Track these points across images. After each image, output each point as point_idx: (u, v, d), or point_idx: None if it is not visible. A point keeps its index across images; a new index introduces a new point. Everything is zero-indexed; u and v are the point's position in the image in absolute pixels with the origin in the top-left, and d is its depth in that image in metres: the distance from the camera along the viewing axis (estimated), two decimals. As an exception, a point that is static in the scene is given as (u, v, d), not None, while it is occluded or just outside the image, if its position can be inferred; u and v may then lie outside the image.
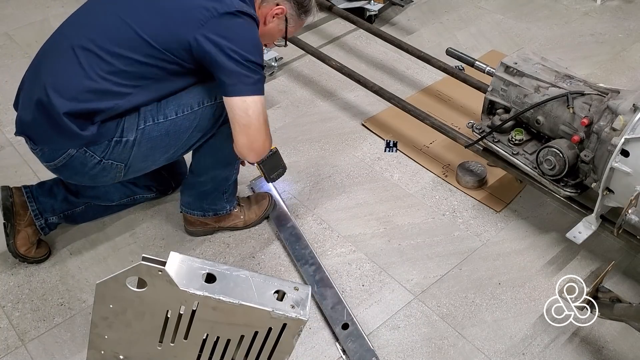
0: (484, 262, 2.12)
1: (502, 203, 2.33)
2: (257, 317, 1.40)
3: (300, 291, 1.43)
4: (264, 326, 1.42)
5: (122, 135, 1.72)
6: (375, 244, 2.18)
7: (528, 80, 2.09)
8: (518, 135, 2.14)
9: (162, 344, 1.48)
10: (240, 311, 1.38)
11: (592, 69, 3.05)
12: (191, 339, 1.46)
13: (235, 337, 1.46)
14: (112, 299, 1.38)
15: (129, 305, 1.39)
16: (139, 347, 1.50)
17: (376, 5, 3.31)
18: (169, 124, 1.77)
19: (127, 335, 1.47)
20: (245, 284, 1.40)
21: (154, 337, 1.47)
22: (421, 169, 2.49)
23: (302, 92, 2.91)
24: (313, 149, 2.58)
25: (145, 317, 1.42)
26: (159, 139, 1.77)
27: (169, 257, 1.35)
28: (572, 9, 3.56)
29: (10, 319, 1.92)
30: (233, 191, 2.13)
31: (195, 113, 1.79)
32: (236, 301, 1.36)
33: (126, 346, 1.50)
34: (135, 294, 1.36)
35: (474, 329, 1.91)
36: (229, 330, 1.45)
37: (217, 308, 1.38)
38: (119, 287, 1.34)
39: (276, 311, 1.37)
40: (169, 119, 1.76)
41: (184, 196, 2.11)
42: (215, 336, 1.46)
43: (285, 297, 1.41)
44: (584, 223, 1.98)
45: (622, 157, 1.79)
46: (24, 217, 2.00)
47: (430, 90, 2.92)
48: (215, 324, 1.43)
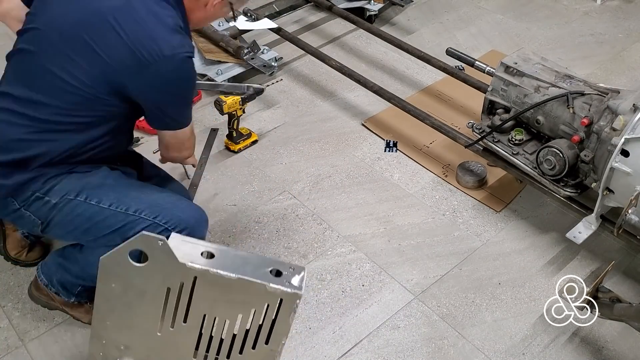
0: (484, 262, 2.12)
1: (502, 203, 2.33)
2: (254, 292, 1.43)
3: (296, 270, 1.47)
4: (261, 302, 1.45)
5: (45, 194, 1.58)
6: (375, 244, 2.18)
7: (528, 80, 2.09)
8: (518, 135, 2.14)
9: (161, 330, 1.51)
10: (237, 286, 1.41)
11: (592, 69, 3.05)
12: (190, 321, 1.49)
13: (233, 317, 1.49)
14: (114, 277, 1.41)
15: (130, 283, 1.42)
16: (139, 334, 1.52)
17: (376, 5, 3.31)
18: (97, 210, 1.59)
19: (128, 321, 1.49)
20: (243, 261, 1.45)
21: (154, 322, 1.50)
22: (421, 169, 2.49)
23: (302, 92, 2.91)
24: (313, 149, 2.58)
25: (145, 297, 1.44)
26: (79, 219, 1.60)
27: (170, 237, 1.42)
28: (572, 9, 3.56)
29: (10, 319, 1.92)
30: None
31: (127, 216, 1.59)
32: (234, 275, 1.40)
33: (127, 334, 1.52)
34: (137, 270, 1.39)
35: (474, 329, 1.91)
36: (227, 309, 1.48)
37: (216, 283, 1.41)
38: (121, 262, 1.38)
39: (272, 285, 1.40)
40: (99, 205, 1.59)
41: (50, 260, 1.87)
42: (214, 317, 1.50)
43: (281, 275, 1.45)
44: (584, 223, 1.98)
45: (622, 157, 1.79)
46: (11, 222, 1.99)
47: (430, 90, 2.92)
48: (213, 302, 1.46)
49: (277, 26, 2.98)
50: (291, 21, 3.39)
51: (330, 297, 2.00)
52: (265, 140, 2.61)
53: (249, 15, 2.97)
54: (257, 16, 2.99)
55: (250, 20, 2.96)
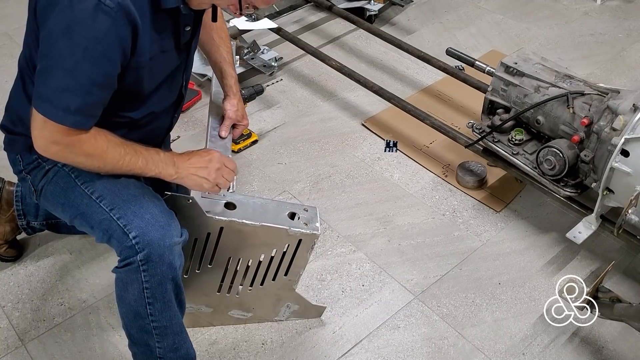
0: (484, 262, 2.12)
1: (502, 203, 2.33)
2: (275, 236, 1.62)
3: (310, 211, 1.68)
4: (282, 244, 1.65)
5: (45, 160, 1.52)
6: (375, 244, 2.18)
7: (528, 80, 2.09)
8: (518, 135, 2.14)
9: (189, 274, 1.67)
10: (261, 232, 1.59)
11: (592, 69, 3.05)
12: (216, 264, 1.67)
13: (255, 258, 1.68)
14: None
15: None
16: None
17: (376, 5, 3.31)
18: (72, 187, 1.49)
19: None
20: (262, 209, 1.62)
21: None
22: (421, 169, 2.49)
23: (302, 92, 2.91)
24: (313, 149, 2.58)
25: None
26: (60, 191, 1.52)
27: (191, 193, 1.53)
28: (572, 9, 3.56)
29: (10, 319, 1.92)
30: None
31: (103, 212, 1.45)
32: (258, 223, 1.58)
33: None
34: None
35: (474, 329, 1.91)
36: (250, 251, 1.66)
37: (241, 231, 1.59)
38: None
39: (292, 228, 1.61)
40: (82, 187, 1.48)
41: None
42: (238, 258, 1.67)
43: (297, 217, 1.65)
44: (584, 223, 1.98)
45: (622, 157, 1.79)
46: (7, 212, 1.98)
47: (430, 90, 2.92)
48: (237, 247, 1.64)
49: (277, 26, 2.98)
50: (291, 21, 3.39)
51: (330, 297, 2.00)
52: (265, 140, 2.61)
53: (249, 15, 2.97)
54: (257, 16, 2.99)
55: (250, 20, 2.95)
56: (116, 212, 1.43)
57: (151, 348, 1.55)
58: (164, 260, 1.42)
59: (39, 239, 2.14)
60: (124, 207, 1.43)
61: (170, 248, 1.42)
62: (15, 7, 3.54)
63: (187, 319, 1.80)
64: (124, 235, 1.41)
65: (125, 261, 1.43)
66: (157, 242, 1.40)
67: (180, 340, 1.57)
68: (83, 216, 1.49)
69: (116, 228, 1.42)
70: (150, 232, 1.40)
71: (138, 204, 1.44)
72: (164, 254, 1.41)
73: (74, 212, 1.52)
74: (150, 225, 1.41)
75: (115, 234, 1.43)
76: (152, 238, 1.40)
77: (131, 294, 1.47)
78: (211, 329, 1.88)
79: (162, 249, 1.41)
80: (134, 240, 1.40)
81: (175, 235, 1.44)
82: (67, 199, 1.51)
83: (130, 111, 1.51)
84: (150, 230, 1.40)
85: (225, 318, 1.86)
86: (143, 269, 1.42)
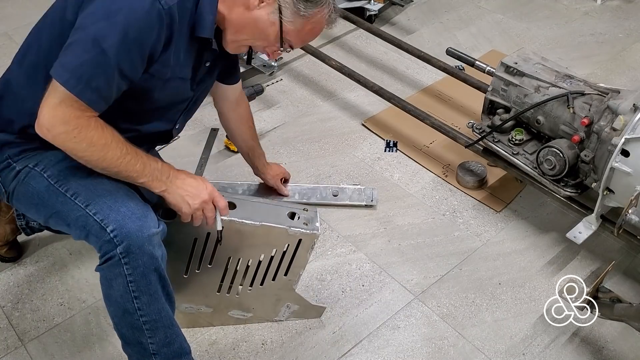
0: (484, 262, 2.11)
1: (502, 203, 2.33)
2: (275, 236, 1.62)
3: (310, 211, 1.69)
4: (282, 243, 1.65)
5: (16, 162, 1.51)
6: (375, 244, 2.18)
7: (528, 80, 2.09)
8: (518, 135, 2.14)
9: (188, 274, 1.68)
10: (260, 232, 1.60)
11: (592, 69, 3.05)
12: (215, 264, 1.67)
13: (255, 257, 1.68)
14: None
15: None
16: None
17: (376, 5, 3.31)
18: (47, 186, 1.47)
19: None
20: (262, 209, 1.64)
21: (181, 268, 1.66)
22: (421, 169, 2.49)
23: (302, 92, 2.91)
24: (313, 149, 2.58)
25: (172, 248, 1.53)
26: (33, 192, 1.49)
27: None
28: (572, 9, 3.56)
29: (10, 319, 1.92)
30: None
31: (76, 206, 1.44)
32: (257, 223, 1.58)
33: None
34: (167, 225, 1.49)
35: (474, 329, 1.91)
36: (250, 250, 1.66)
37: (240, 231, 1.59)
38: None
39: (292, 228, 1.61)
40: (58, 185, 1.46)
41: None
42: (238, 258, 1.67)
43: (297, 217, 1.65)
44: (584, 223, 1.98)
45: (623, 157, 1.79)
46: (7, 214, 1.98)
47: (430, 90, 2.92)
48: (238, 246, 1.63)
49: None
50: (291, 21, 3.39)
51: (330, 297, 1.99)
52: (265, 140, 2.61)
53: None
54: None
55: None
56: (92, 207, 1.42)
57: (144, 345, 1.53)
58: (145, 251, 1.41)
59: (39, 240, 2.14)
60: (99, 202, 1.42)
61: (149, 238, 1.41)
62: (15, 7, 3.54)
63: (187, 319, 1.82)
64: (101, 230, 1.40)
65: (106, 256, 1.42)
66: (135, 234, 1.39)
67: (172, 333, 1.55)
68: (58, 215, 1.47)
69: (93, 223, 1.41)
70: (127, 224, 1.39)
71: (113, 198, 1.43)
72: (143, 245, 1.40)
73: (48, 212, 1.49)
74: (127, 218, 1.40)
75: (92, 229, 1.41)
76: (129, 230, 1.39)
77: (117, 290, 1.45)
78: (211, 329, 1.88)
79: (141, 240, 1.40)
80: (112, 233, 1.39)
81: (153, 227, 1.42)
82: (41, 199, 1.48)
83: (122, 121, 1.49)
84: (127, 222, 1.39)
85: (225, 318, 1.86)
86: (124, 261, 1.40)
